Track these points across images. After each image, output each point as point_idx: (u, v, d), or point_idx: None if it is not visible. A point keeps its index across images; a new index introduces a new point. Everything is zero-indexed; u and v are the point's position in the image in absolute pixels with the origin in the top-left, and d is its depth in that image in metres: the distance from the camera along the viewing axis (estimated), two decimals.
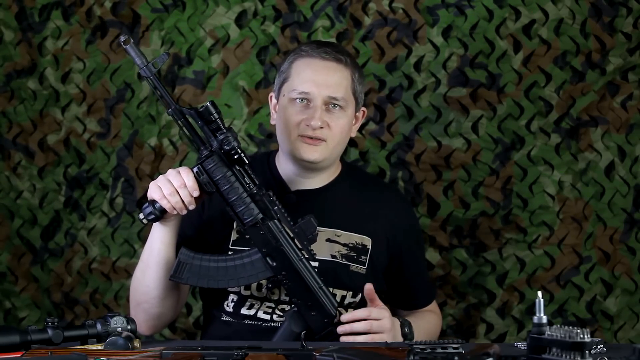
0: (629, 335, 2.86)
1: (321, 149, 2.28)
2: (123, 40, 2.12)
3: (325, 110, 2.26)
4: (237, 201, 2.13)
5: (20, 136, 2.91)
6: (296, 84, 2.28)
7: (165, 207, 2.13)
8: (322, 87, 2.26)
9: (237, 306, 2.29)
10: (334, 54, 2.29)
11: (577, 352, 1.65)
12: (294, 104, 2.28)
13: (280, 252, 2.15)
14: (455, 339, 1.80)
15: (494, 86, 2.86)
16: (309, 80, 2.27)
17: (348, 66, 2.30)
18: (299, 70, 2.29)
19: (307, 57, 2.29)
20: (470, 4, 2.86)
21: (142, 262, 2.25)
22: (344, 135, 2.31)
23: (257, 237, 2.15)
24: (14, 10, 2.89)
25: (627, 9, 2.84)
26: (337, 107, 2.27)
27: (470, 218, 2.87)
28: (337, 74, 2.28)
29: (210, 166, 2.12)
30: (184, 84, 2.89)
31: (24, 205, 2.91)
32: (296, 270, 2.16)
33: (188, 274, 2.17)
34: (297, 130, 2.27)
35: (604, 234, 2.86)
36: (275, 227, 2.15)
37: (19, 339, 1.88)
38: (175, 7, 2.89)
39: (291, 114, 2.28)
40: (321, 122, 2.25)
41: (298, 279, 2.16)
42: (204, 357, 1.78)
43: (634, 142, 2.86)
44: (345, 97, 2.28)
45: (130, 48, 2.12)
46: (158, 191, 2.13)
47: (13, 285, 2.91)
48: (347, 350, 1.78)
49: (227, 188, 2.12)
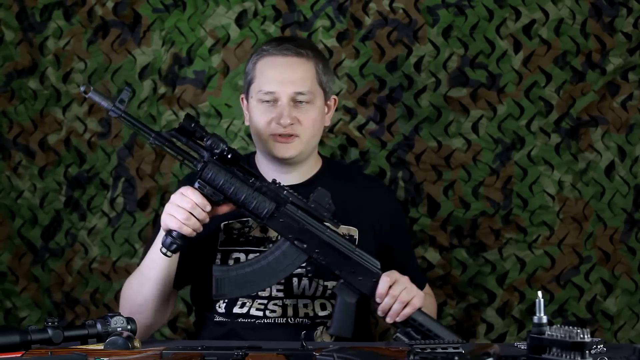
0: (629, 335, 2.86)
1: (295, 145, 2.31)
2: (83, 90, 2.09)
3: (293, 106, 2.29)
4: (247, 199, 2.13)
5: (20, 136, 2.91)
6: (261, 84, 2.31)
7: (185, 233, 2.12)
8: (286, 84, 2.29)
9: (229, 306, 2.29)
10: (295, 49, 2.32)
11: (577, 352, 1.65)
12: (261, 105, 2.31)
13: (306, 232, 2.15)
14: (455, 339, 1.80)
15: (494, 86, 2.86)
16: (272, 79, 2.30)
17: (310, 59, 2.33)
18: (262, 70, 2.32)
19: (269, 56, 2.32)
20: (471, 4, 2.86)
21: (141, 275, 2.25)
22: (316, 127, 2.34)
23: (279, 226, 2.15)
24: (15, 10, 2.89)
25: (627, 9, 2.84)
26: (304, 102, 2.30)
27: (470, 218, 2.87)
28: (300, 68, 2.31)
29: (209, 176, 2.12)
30: (184, 83, 2.89)
31: (24, 205, 2.91)
32: (327, 243, 2.16)
33: (229, 287, 2.16)
34: (268, 129, 2.30)
35: (604, 234, 2.86)
36: (291, 210, 2.15)
37: (19, 338, 1.89)
38: (176, 7, 2.89)
39: (260, 114, 2.31)
40: (290, 119, 2.28)
41: (333, 251, 2.16)
42: (204, 357, 1.78)
43: (634, 142, 2.86)
44: (312, 90, 2.31)
45: (93, 95, 2.10)
46: (173, 220, 2.12)
47: (13, 285, 2.92)
48: (347, 350, 1.78)
49: (233, 190, 2.12)
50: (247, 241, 2.30)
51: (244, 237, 2.31)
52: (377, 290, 2.16)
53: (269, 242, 2.29)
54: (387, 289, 2.16)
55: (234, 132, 2.88)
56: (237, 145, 2.86)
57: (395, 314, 2.16)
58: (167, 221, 2.13)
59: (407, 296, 2.16)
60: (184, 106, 2.89)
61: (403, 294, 2.16)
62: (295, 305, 2.29)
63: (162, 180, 2.88)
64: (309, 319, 2.30)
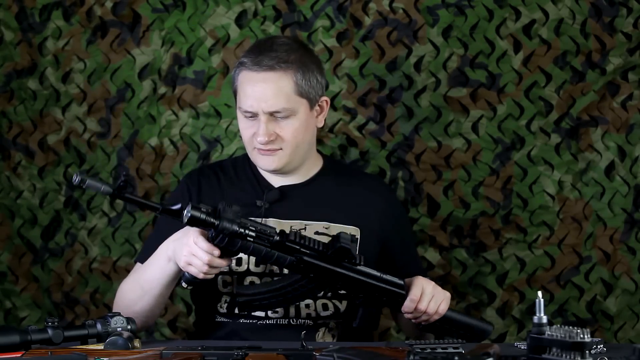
0: (629, 335, 2.86)
1: (278, 158, 2.29)
2: (79, 181, 2.03)
3: (273, 120, 2.26)
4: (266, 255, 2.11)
5: (20, 136, 2.91)
6: (241, 100, 2.29)
7: (202, 277, 2.12)
8: (261, 102, 2.25)
9: (231, 306, 2.29)
10: (269, 61, 2.26)
11: (577, 352, 1.65)
12: (243, 118, 2.30)
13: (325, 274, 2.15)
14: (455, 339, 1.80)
15: (494, 86, 2.86)
16: (249, 96, 2.27)
17: (288, 71, 2.26)
18: (241, 85, 2.29)
19: (246, 70, 2.28)
20: (470, 4, 2.86)
21: (140, 288, 2.24)
22: (300, 135, 2.30)
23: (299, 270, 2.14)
24: (14, 10, 2.89)
25: (627, 9, 2.84)
26: (283, 115, 2.27)
27: (470, 218, 2.87)
28: (275, 85, 2.26)
29: (225, 242, 2.08)
30: (184, 83, 2.89)
31: (24, 205, 2.91)
32: (350, 280, 2.16)
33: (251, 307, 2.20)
34: (251, 143, 2.30)
35: (604, 234, 2.86)
36: (311, 260, 2.12)
37: (19, 339, 1.89)
38: (176, 7, 2.89)
39: (243, 127, 2.31)
40: (268, 136, 2.25)
41: (356, 283, 2.17)
42: (204, 357, 1.78)
43: (634, 142, 2.86)
44: (288, 106, 2.26)
45: (90, 183, 2.04)
46: (192, 269, 2.11)
47: (13, 285, 2.91)
48: (347, 350, 1.78)
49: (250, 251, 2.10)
50: None
51: None
52: (404, 310, 2.19)
53: None
54: (413, 309, 2.19)
55: (234, 132, 2.87)
56: (237, 145, 2.86)
57: (422, 320, 2.22)
58: (184, 267, 2.13)
59: (434, 306, 2.20)
60: (184, 106, 2.89)
61: (430, 305, 2.20)
62: (297, 305, 2.29)
63: (162, 181, 2.88)
64: (311, 319, 2.29)
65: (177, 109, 2.89)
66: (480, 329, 2.29)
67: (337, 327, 2.32)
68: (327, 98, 2.39)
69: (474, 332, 2.27)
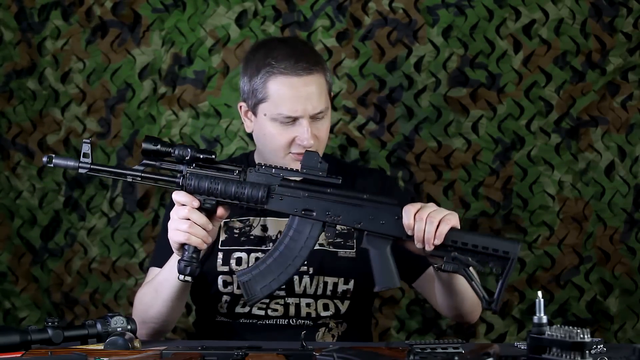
0: (629, 335, 2.86)
1: None
2: (46, 160, 2.04)
3: (312, 122, 2.24)
4: (238, 191, 2.06)
5: (19, 136, 2.91)
6: (280, 107, 2.22)
7: (195, 244, 2.06)
8: (307, 105, 2.22)
9: (231, 305, 2.29)
10: (307, 66, 2.22)
11: (577, 352, 1.65)
12: (277, 124, 2.24)
13: (309, 200, 2.08)
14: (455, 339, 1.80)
15: (494, 86, 2.86)
16: (292, 101, 2.21)
17: (320, 71, 2.25)
18: (279, 92, 2.22)
19: (282, 76, 2.22)
20: (470, 4, 2.86)
21: (155, 291, 2.20)
22: (328, 133, 2.30)
23: (281, 205, 2.08)
24: (14, 10, 2.89)
25: (627, 9, 2.84)
26: (322, 115, 2.25)
27: (470, 218, 2.87)
28: (316, 87, 2.23)
29: (192, 185, 2.05)
30: (184, 83, 2.89)
31: (23, 205, 2.91)
32: (334, 202, 2.08)
33: (260, 286, 2.08)
34: (287, 149, 2.24)
35: (604, 234, 2.86)
36: (287, 184, 2.08)
37: (19, 339, 1.88)
38: (176, 7, 2.89)
39: (277, 133, 2.24)
40: (313, 138, 2.22)
41: (342, 206, 2.08)
42: (204, 357, 1.78)
43: (634, 142, 2.86)
44: (327, 105, 2.26)
45: (57, 161, 2.04)
46: (179, 234, 2.06)
47: (13, 285, 2.91)
48: (347, 350, 1.78)
49: (220, 189, 2.06)
50: (248, 240, 2.29)
51: (245, 236, 2.30)
52: (404, 222, 2.04)
53: (270, 240, 2.28)
54: (413, 217, 2.04)
55: (234, 131, 2.88)
56: (237, 145, 2.86)
57: (431, 237, 2.01)
58: (174, 237, 2.08)
59: (437, 215, 2.04)
60: (184, 106, 2.89)
61: (432, 214, 2.03)
62: (298, 304, 2.28)
63: None
64: (311, 319, 2.29)
65: (177, 109, 2.89)
66: (504, 248, 2.01)
67: (337, 327, 2.32)
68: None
69: (497, 252, 2.01)
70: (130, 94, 2.90)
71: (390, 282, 2.07)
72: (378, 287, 2.08)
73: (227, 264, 2.27)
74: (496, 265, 2.01)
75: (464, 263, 2.02)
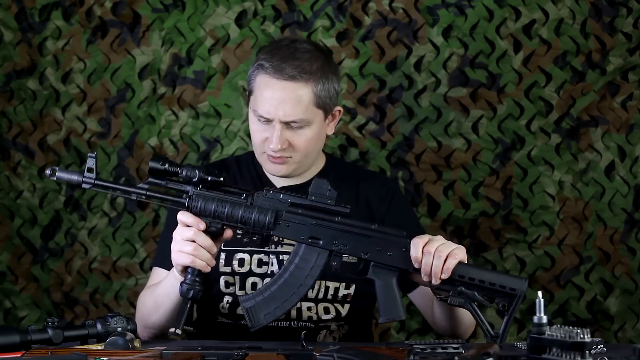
0: (629, 335, 2.86)
1: (287, 166, 2.25)
2: (49, 173, 1.99)
3: (287, 128, 2.21)
4: (245, 216, 2.04)
5: (20, 136, 2.91)
6: (258, 102, 2.23)
7: (199, 267, 2.03)
8: (279, 110, 2.20)
9: (233, 307, 2.28)
10: (292, 72, 2.20)
11: (577, 352, 1.65)
12: (256, 120, 2.24)
13: (316, 228, 2.06)
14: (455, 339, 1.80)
15: (494, 86, 2.86)
16: (267, 102, 2.21)
17: (309, 82, 2.21)
18: (259, 88, 2.23)
19: (267, 76, 2.21)
20: (471, 4, 2.86)
21: (155, 302, 2.18)
22: (312, 143, 2.26)
23: (288, 232, 2.06)
24: (14, 10, 2.89)
25: (627, 9, 2.84)
26: (298, 125, 2.22)
27: (470, 218, 2.87)
28: (295, 94, 2.21)
29: (199, 207, 2.03)
30: (184, 83, 2.89)
31: (24, 205, 2.91)
32: (342, 230, 2.06)
33: (263, 313, 2.05)
34: (261, 147, 2.25)
35: (604, 234, 2.86)
36: (295, 211, 2.05)
37: (19, 339, 1.88)
38: (176, 7, 2.89)
39: (255, 130, 2.25)
40: (281, 144, 2.20)
41: (350, 236, 2.06)
42: (204, 357, 1.78)
43: (634, 142, 2.86)
44: (305, 117, 2.22)
45: (60, 174, 2.00)
46: (182, 256, 2.04)
47: (13, 285, 2.91)
48: (347, 350, 1.78)
49: (227, 212, 2.03)
50: (250, 241, 2.28)
51: (247, 237, 2.29)
52: (412, 255, 2.03)
53: (272, 242, 2.27)
54: (421, 250, 2.02)
55: (234, 132, 2.88)
56: (237, 145, 2.86)
57: (438, 271, 2.00)
58: (178, 260, 2.05)
59: (445, 249, 2.02)
60: (183, 106, 2.89)
61: (440, 248, 2.02)
62: (299, 308, 2.28)
63: None
64: (313, 322, 2.28)
65: (177, 109, 2.89)
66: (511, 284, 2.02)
67: (339, 329, 2.31)
68: (340, 108, 2.32)
69: (504, 289, 2.02)
70: (130, 94, 2.90)
71: (395, 314, 2.07)
72: (383, 319, 2.07)
73: (230, 265, 2.27)
74: (502, 301, 2.03)
75: (470, 298, 2.03)
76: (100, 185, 2.01)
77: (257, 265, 2.28)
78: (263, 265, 2.27)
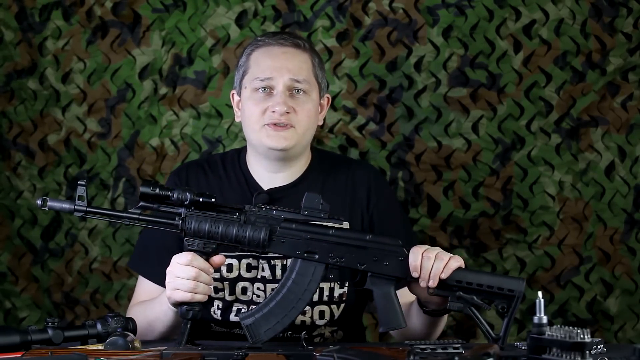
0: (629, 335, 2.86)
1: (290, 135, 2.24)
2: (40, 204, 1.99)
3: (289, 96, 2.24)
4: (239, 234, 2.03)
5: (20, 136, 2.91)
6: (257, 72, 2.26)
7: (199, 300, 2.03)
8: (283, 71, 2.24)
9: (225, 313, 2.26)
10: (291, 39, 2.29)
11: (577, 352, 1.65)
12: (256, 94, 2.25)
13: (311, 242, 2.05)
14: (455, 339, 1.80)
15: (494, 86, 2.86)
16: (269, 67, 2.25)
17: (307, 50, 2.29)
18: (257, 60, 2.27)
19: (265, 46, 2.28)
20: (471, 4, 2.86)
21: (148, 324, 2.17)
22: (311, 120, 2.27)
23: (283, 248, 2.05)
24: (14, 10, 2.89)
25: (627, 9, 2.84)
26: (300, 92, 2.25)
27: (470, 218, 2.87)
28: (297, 57, 2.27)
29: (192, 228, 2.02)
30: (184, 84, 2.89)
31: (24, 205, 2.91)
32: (337, 243, 2.06)
33: (263, 329, 2.03)
34: (262, 119, 2.24)
35: (604, 234, 2.86)
36: (287, 226, 2.05)
37: (19, 339, 1.89)
38: (176, 7, 2.89)
39: (254, 103, 2.25)
40: (287, 107, 2.22)
41: (345, 248, 2.06)
42: (204, 357, 1.78)
43: (634, 142, 2.86)
44: (308, 80, 2.26)
45: (52, 204, 2.00)
46: (179, 294, 2.02)
47: (13, 286, 2.92)
48: (347, 350, 1.78)
49: (221, 232, 2.02)
50: None
51: None
52: (410, 262, 2.05)
53: None
54: (420, 257, 2.04)
55: (235, 132, 2.88)
56: (239, 145, 2.86)
57: (438, 272, 2.02)
58: (174, 297, 2.04)
59: (445, 255, 2.04)
60: (184, 106, 2.89)
61: (440, 254, 2.04)
62: None
63: (163, 181, 2.88)
64: (306, 327, 2.26)
65: (178, 109, 2.89)
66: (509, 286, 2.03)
67: (333, 335, 2.30)
68: (329, 96, 2.37)
69: (502, 291, 2.03)
70: (130, 94, 2.90)
71: (395, 322, 2.07)
72: (383, 328, 2.08)
73: (218, 270, 2.23)
74: (501, 303, 2.03)
75: (469, 302, 2.04)
76: (92, 212, 2.02)
77: (246, 269, 2.26)
78: (252, 270, 2.26)
